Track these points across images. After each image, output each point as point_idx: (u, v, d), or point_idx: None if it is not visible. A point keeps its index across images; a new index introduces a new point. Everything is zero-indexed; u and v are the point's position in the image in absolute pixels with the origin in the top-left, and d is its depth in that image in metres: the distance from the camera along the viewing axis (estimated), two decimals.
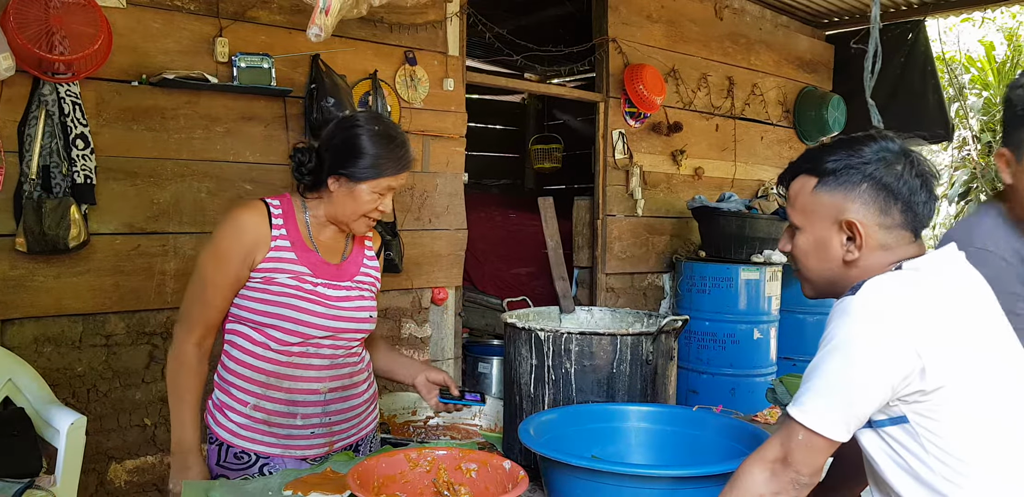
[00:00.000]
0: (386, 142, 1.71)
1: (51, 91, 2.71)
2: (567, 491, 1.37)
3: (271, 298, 1.70)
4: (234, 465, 1.74)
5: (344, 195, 1.72)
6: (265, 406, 1.72)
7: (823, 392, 1.13)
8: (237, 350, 1.75)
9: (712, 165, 5.41)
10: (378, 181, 1.70)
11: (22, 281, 2.71)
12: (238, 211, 1.74)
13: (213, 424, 1.77)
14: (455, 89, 4.01)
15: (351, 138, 1.71)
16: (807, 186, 1.27)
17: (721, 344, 4.58)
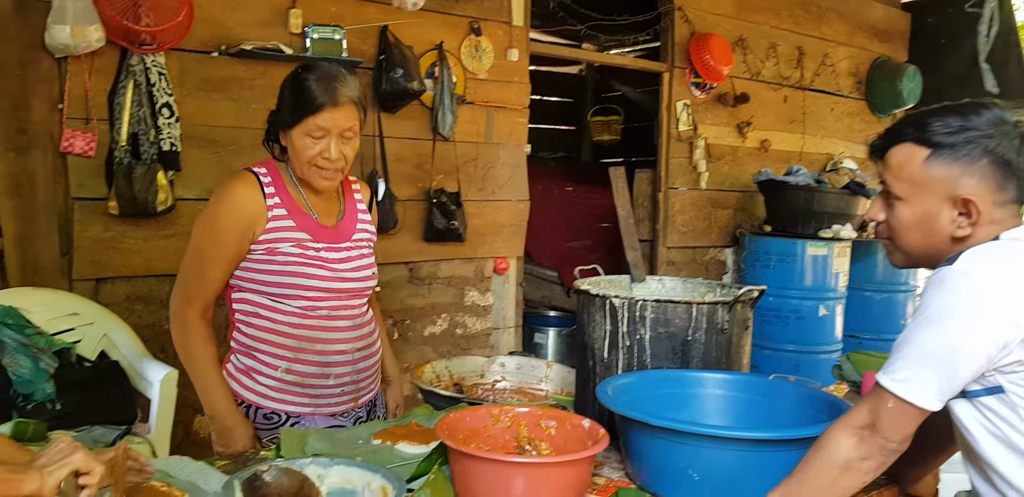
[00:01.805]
0: (313, 82, 1.64)
1: (138, 62, 2.82)
2: (645, 451, 1.41)
3: (277, 268, 1.70)
4: (264, 425, 1.78)
5: (290, 148, 1.69)
6: (298, 369, 1.74)
7: (916, 361, 1.13)
8: (258, 317, 1.75)
9: (779, 138, 5.32)
10: (303, 124, 1.64)
11: (114, 243, 2.86)
12: (231, 185, 1.71)
13: (238, 387, 1.77)
14: (519, 59, 4.02)
15: (285, 85, 1.71)
16: (915, 157, 1.23)
17: (784, 320, 4.55)
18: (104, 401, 2.36)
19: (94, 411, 2.28)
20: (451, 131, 3.71)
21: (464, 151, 3.87)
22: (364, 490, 1.28)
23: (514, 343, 4.25)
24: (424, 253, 3.79)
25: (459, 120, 3.75)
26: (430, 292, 3.87)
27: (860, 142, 5.84)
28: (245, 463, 1.50)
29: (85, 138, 2.76)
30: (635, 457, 1.46)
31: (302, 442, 1.54)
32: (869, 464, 1.16)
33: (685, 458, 1.34)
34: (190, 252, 1.73)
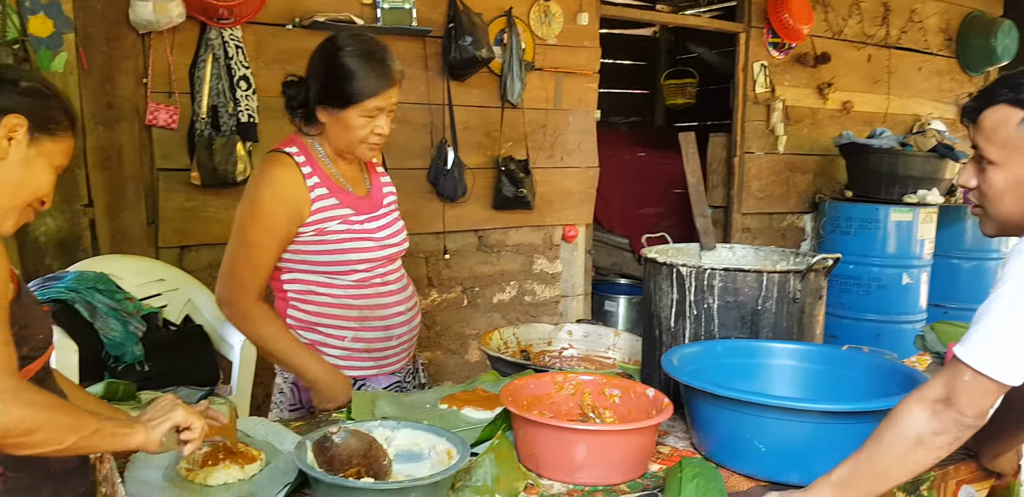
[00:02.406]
0: (363, 61, 1.64)
1: (216, 36, 2.90)
2: (711, 421, 1.41)
3: (328, 247, 1.73)
4: None
5: (335, 125, 1.68)
6: (364, 336, 1.79)
7: (996, 333, 1.09)
8: (314, 294, 1.78)
9: (862, 99, 5.10)
10: (363, 104, 1.65)
11: (196, 212, 2.98)
12: (271, 171, 1.70)
13: None
14: (589, 23, 3.95)
15: (328, 64, 1.66)
16: (1011, 119, 1.16)
17: (865, 288, 4.42)
18: (189, 363, 2.48)
19: (179, 373, 2.40)
20: (519, 98, 3.69)
21: (533, 118, 3.85)
22: (430, 453, 1.31)
23: (583, 311, 4.26)
24: (493, 221, 3.82)
25: (528, 87, 3.72)
26: (499, 260, 3.91)
27: (950, 102, 5.55)
28: (318, 424, 1.56)
29: (168, 111, 2.86)
30: (700, 427, 1.46)
31: (371, 405, 1.59)
32: (943, 439, 1.13)
33: (751, 429, 1.33)
34: (237, 241, 1.72)
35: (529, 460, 1.36)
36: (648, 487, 1.33)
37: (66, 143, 1.21)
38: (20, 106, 1.13)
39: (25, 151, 1.15)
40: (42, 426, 0.95)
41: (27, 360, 1.12)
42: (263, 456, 1.35)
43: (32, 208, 1.20)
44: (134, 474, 1.30)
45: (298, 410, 1.88)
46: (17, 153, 1.14)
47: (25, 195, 1.17)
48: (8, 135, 1.13)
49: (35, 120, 1.15)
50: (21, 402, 0.94)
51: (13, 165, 1.14)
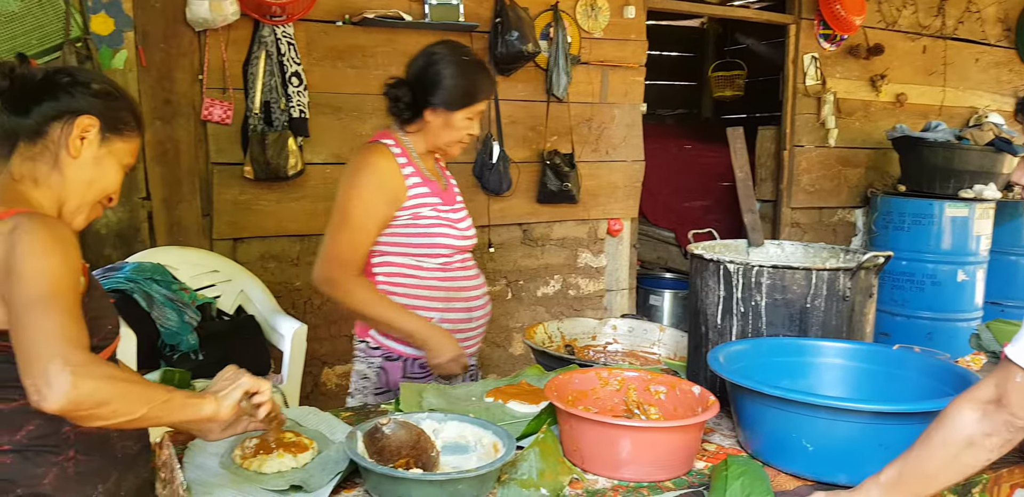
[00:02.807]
0: (475, 70, 1.87)
1: (269, 33, 2.95)
2: (758, 420, 1.40)
3: (420, 231, 1.87)
4: (418, 374, 1.95)
5: (441, 124, 1.87)
6: (449, 317, 1.92)
7: None
8: (404, 277, 1.90)
9: (917, 91, 4.97)
10: (471, 107, 1.87)
11: (249, 205, 3.05)
12: (373, 160, 1.84)
13: (393, 343, 1.93)
14: (636, 16, 3.93)
15: (442, 70, 1.84)
16: None
17: (919, 285, 4.32)
18: (241, 353, 2.55)
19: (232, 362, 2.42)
20: (565, 92, 3.69)
21: (578, 112, 3.85)
22: (476, 445, 1.34)
23: (627, 305, 4.25)
24: (537, 214, 3.83)
25: (573, 80, 3.72)
26: (543, 253, 3.92)
27: (1008, 95, 5.38)
28: (367, 415, 1.60)
29: (223, 106, 2.93)
30: (747, 425, 1.45)
31: (419, 397, 1.62)
32: (993, 441, 1.11)
33: (799, 428, 1.32)
34: (338, 224, 1.83)
35: (574, 455, 1.37)
36: (693, 484, 1.34)
37: (133, 143, 1.26)
38: (92, 107, 1.19)
39: (96, 151, 1.20)
40: (112, 398, 0.98)
41: (96, 350, 1.16)
42: (315, 445, 1.39)
43: (101, 205, 1.26)
44: (192, 460, 1.34)
45: (384, 393, 1.97)
46: (89, 152, 1.19)
47: (96, 193, 1.22)
48: (81, 135, 1.18)
49: (106, 121, 1.20)
50: (91, 375, 0.97)
51: (85, 164, 1.19)
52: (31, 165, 1.18)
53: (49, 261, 1.03)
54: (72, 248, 1.08)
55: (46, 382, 0.94)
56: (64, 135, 1.17)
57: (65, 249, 1.06)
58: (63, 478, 1.14)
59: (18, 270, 1.01)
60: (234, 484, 1.26)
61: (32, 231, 1.04)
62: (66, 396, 0.94)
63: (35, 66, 1.20)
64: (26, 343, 0.97)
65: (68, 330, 0.99)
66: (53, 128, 1.17)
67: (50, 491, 1.13)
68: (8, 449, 1.12)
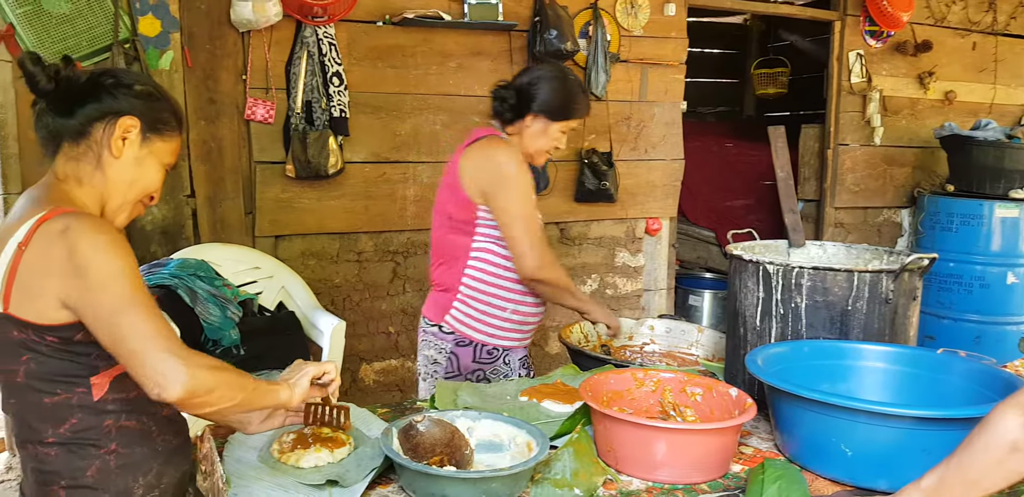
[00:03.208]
0: (578, 90, 2.05)
1: (311, 33, 2.99)
2: (796, 423, 1.38)
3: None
4: (486, 360, 2.07)
5: (538, 131, 2.02)
6: (521, 309, 2.06)
7: None
8: (493, 265, 2.02)
9: (966, 88, 4.84)
10: (567, 122, 2.03)
11: (290, 203, 3.10)
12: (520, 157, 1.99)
13: (468, 331, 2.05)
14: (676, 14, 3.89)
15: (551, 82, 2.01)
16: None
17: (967, 288, 4.22)
18: (281, 348, 2.59)
19: (272, 357, 2.51)
20: (604, 90, 3.67)
21: (617, 110, 3.83)
22: (510, 444, 1.34)
23: (665, 305, 4.22)
24: (575, 213, 3.82)
25: (612, 79, 3.70)
26: (580, 252, 3.91)
27: None
28: (403, 412, 1.61)
29: (265, 106, 2.98)
30: (785, 429, 1.43)
31: (454, 395, 1.63)
32: None
33: (838, 432, 1.30)
34: (527, 216, 1.95)
35: (608, 455, 1.37)
36: (729, 487, 1.32)
37: (174, 143, 1.28)
38: (134, 108, 1.21)
39: (137, 150, 1.23)
40: (218, 385, 1.07)
41: None
42: (351, 441, 1.40)
43: (142, 203, 1.29)
44: (232, 454, 1.37)
45: (455, 377, 2.06)
46: (131, 152, 1.22)
47: (137, 192, 1.25)
48: (123, 135, 1.20)
49: (147, 121, 1.22)
50: (200, 365, 1.05)
51: (127, 163, 1.22)
52: (75, 165, 1.21)
53: (119, 260, 1.08)
54: (128, 245, 1.12)
55: (163, 375, 1.03)
56: (107, 135, 1.20)
57: (126, 247, 1.10)
58: (105, 471, 1.18)
59: (92, 274, 1.06)
60: (272, 477, 1.28)
61: (91, 233, 1.08)
62: (184, 386, 1.03)
63: (80, 68, 1.22)
64: (128, 342, 1.04)
65: (162, 327, 1.06)
66: (96, 129, 1.20)
67: (92, 483, 1.17)
68: (53, 442, 1.16)
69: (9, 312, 1.10)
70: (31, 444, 1.17)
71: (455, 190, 1.98)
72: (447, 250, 2.04)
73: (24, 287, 1.09)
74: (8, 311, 1.10)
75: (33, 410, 1.16)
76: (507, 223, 1.94)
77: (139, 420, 1.20)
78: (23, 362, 1.12)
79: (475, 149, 1.99)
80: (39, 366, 1.13)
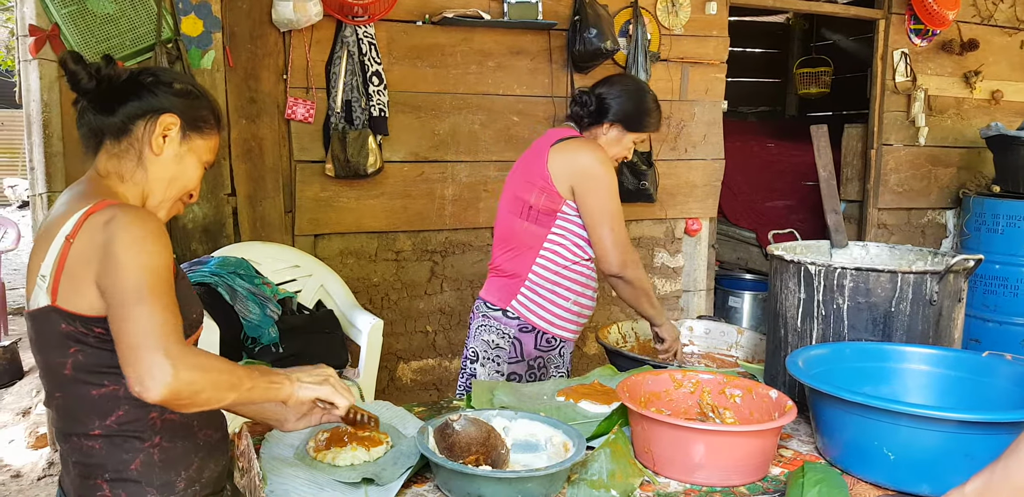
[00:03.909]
0: (656, 106, 2.14)
1: (351, 33, 3.02)
2: (838, 426, 1.36)
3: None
4: (545, 347, 2.14)
5: (614, 139, 2.12)
6: (582, 301, 2.14)
7: None
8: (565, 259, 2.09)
9: (1014, 88, 4.72)
10: (640, 134, 2.14)
11: (330, 202, 3.13)
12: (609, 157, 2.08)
13: (532, 317, 2.11)
14: (718, 12, 3.85)
15: (639, 97, 2.11)
16: None
17: (1013, 290, 4.11)
18: (319, 346, 2.62)
19: (310, 355, 2.53)
20: None
21: None
22: (547, 444, 1.33)
23: (704, 306, 4.18)
24: None
25: (652, 77, 3.67)
26: None
27: None
28: (439, 411, 1.62)
29: (306, 105, 3.02)
30: (826, 432, 1.41)
31: (490, 394, 1.63)
32: None
33: (881, 436, 1.28)
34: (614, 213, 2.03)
35: (645, 457, 1.36)
36: (768, 490, 1.30)
37: (213, 140, 1.30)
38: (174, 106, 1.23)
39: (177, 148, 1.24)
40: (206, 387, 1.04)
41: None
42: (388, 439, 1.41)
43: (182, 201, 1.30)
44: (268, 451, 1.38)
45: (518, 362, 2.11)
46: (171, 149, 1.23)
47: (177, 189, 1.26)
48: (163, 133, 1.22)
49: (187, 119, 1.24)
50: (189, 366, 1.02)
51: (167, 161, 1.23)
52: (117, 162, 1.22)
53: (148, 254, 1.07)
54: (167, 240, 1.12)
55: (149, 374, 1.00)
56: (147, 133, 1.21)
57: (162, 242, 1.10)
58: (148, 464, 1.19)
59: (118, 262, 1.06)
60: (308, 475, 1.29)
61: (131, 224, 1.09)
62: (167, 386, 1.00)
63: (121, 67, 1.23)
64: (128, 336, 1.03)
65: (167, 322, 1.04)
66: (137, 126, 1.21)
67: (136, 476, 1.18)
68: (99, 434, 1.17)
69: (57, 304, 1.12)
70: (76, 437, 1.18)
71: (545, 183, 2.04)
72: (520, 239, 2.10)
73: (71, 277, 1.11)
74: (56, 304, 1.12)
75: (80, 403, 1.17)
76: (595, 221, 2.02)
77: (182, 414, 1.21)
78: (71, 354, 1.14)
79: (568, 147, 2.05)
80: (87, 358, 1.14)
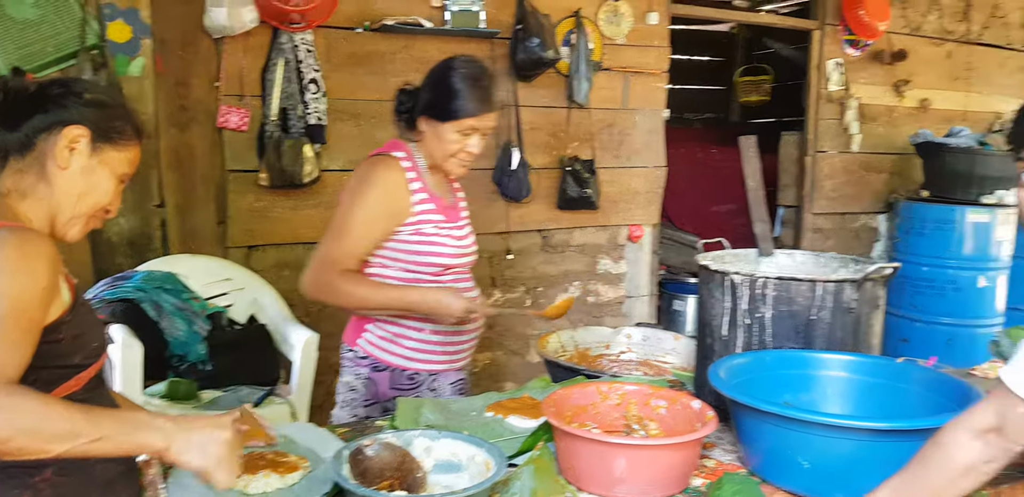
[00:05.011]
0: (471, 83, 1.78)
1: (288, 40, 2.98)
2: (756, 436, 1.38)
3: (421, 248, 1.84)
4: (407, 385, 1.93)
5: (432, 136, 1.83)
6: (441, 328, 1.88)
7: None
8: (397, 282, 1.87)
9: (941, 96, 4.89)
10: (460, 121, 1.78)
11: (264, 212, 3.07)
12: (383, 174, 1.81)
13: (383, 354, 1.91)
14: (659, 23, 3.91)
15: (440, 80, 1.80)
16: None
17: (940, 291, 4.25)
18: (251, 363, 2.56)
19: (242, 372, 2.48)
20: (586, 98, 3.68)
21: (600, 118, 3.83)
22: (469, 464, 1.31)
23: (647, 312, 4.22)
24: (557, 221, 3.82)
25: (595, 87, 3.70)
26: (563, 260, 3.90)
27: None
28: (363, 431, 1.58)
29: (239, 114, 2.96)
30: (745, 441, 1.43)
31: (416, 413, 1.60)
32: (992, 466, 1.10)
33: (795, 445, 1.30)
34: (337, 233, 1.81)
35: (569, 473, 1.36)
36: None
37: (129, 152, 1.22)
38: (83, 117, 1.16)
39: (86, 160, 1.17)
40: (16, 434, 0.91)
41: (79, 368, 1.14)
42: (306, 464, 1.35)
43: (98, 217, 1.23)
44: (178, 480, 1.30)
45: (373, 404, 1.94)
46: (78, 163, 1.16)
47: (88, 204, 1.19)
48: (69, 145, 1.15)
49: (97, 130, 1.17)
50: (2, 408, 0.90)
51: (74, 174, 1.16)
52: (19, 177, 1.16)
53: (9, 282, 1.00)
54: (45, 266, 1.04)
55: None
56: (51, 145, 1.14)
57: (33, 267, 1.03)
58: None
59: None
60: None
61: (6, 248, 1.02)
62: None
63: (30, 79, 1.17)
64: None
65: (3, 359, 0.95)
66: (41, 140, 1.15)
67: None
68: None
69: None
70: None
71: None
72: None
73: None
74: None
75: None
76: (324, 234, 1.84)
77: None
78: None
79: None
80: None
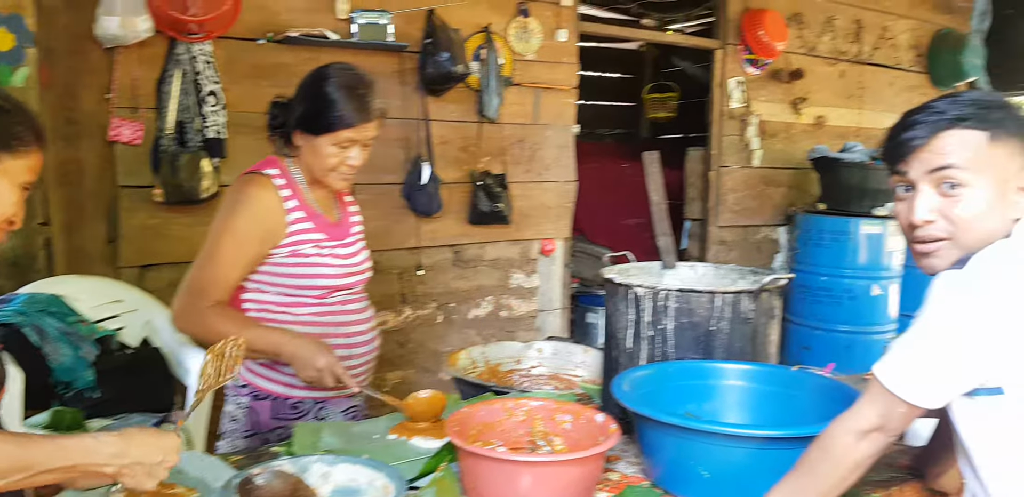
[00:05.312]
0: (344, 93, 1.68)
1: (185, 51, 2.87)
2: (658, 447, 1.39)
3: (299, 270, 1.74)
4: (290, 415, 1.81)
5: (308, 150, 1.73)
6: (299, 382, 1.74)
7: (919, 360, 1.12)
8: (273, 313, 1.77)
9: (836, 113, 5.14)
10: (336, 134, 1.69)
11: (159, 230, 2.94)
12: (252, 192, 1.72)
13: (263, 382, 1.80)
14: (568, 40, 3.97)
15: (312, 91, 1.71)
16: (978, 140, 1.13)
17: (837, 300, 4.44)
18: (143, 388, 2.43)
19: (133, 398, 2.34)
20: (497, 113, 3.69)
21: (511, 133, 3.85)
22: (368, 489, 1.27)
23: (560, 325, 4.24)
24: (469, 236, 3.80)
25: (506, 102, 3.72)
26: (475, 275, 3.89)
27: None
28: (258, 458, 1.51)
29: (132, 127, 2.83)
30: (647, 453, 1.44)
31: (315, 437, 1.54)
32: (875, 458, 1.17)
33: (694, 455, 1.31)
34: (206, 259, 1.72)
35: (473, 493, 1.33)
36: None
37: (31, 159, 1.15)
38: None
39: None
40: None
41: None
42: (195, 496, 1.28)
43: (1, 230, 1.15)
44: None
45: (252, 436, 1.83)
46: None
47: None
48: None
49: None
50: None
51: None
52: None
53: None
54: None
55: None
56: None
57: None
58: None
59: None
60: None
61: None
62: None
63: None
64: None
65: None
66: None
67: None
68: None
69: None
70: None
71: None
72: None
73: None
74: None
75: None
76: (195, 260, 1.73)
77: None
78: None
79: None
80: None
